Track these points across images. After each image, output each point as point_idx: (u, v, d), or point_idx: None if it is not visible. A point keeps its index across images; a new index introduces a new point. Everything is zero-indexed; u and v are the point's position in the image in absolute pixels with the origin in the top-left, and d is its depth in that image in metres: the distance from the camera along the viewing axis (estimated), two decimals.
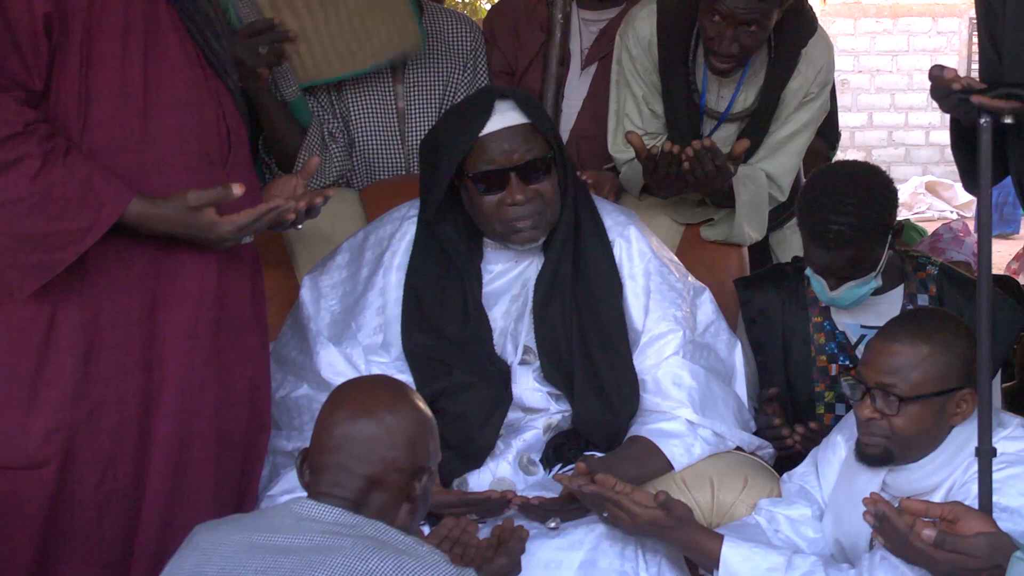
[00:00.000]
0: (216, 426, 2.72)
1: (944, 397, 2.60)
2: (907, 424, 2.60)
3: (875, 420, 2.63)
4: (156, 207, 2.55)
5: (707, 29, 3.35)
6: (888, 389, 2.61)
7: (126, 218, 2.52)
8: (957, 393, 2.60)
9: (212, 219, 2.58)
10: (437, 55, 3.78)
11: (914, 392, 2.59)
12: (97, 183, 2.49)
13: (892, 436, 2.62)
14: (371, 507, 2.20)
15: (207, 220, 2.58)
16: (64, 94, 2.53)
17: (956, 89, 2.59)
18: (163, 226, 2.57)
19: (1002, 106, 2.54)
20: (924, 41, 16.35)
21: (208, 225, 2.58)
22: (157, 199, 2.55)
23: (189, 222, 2.57)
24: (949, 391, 2.60)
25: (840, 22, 15.84)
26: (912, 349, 2.61)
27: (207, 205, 2.57)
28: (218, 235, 2.60)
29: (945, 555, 2.33)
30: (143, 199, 2.53)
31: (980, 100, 2.53)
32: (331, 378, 2.97)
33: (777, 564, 2.59)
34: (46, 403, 2.57)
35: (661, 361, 3.05)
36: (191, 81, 2.65)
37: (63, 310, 2.57)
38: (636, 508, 2.66)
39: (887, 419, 2.61)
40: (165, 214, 2.55)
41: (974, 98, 2.54)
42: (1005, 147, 2.86)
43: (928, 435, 2.62)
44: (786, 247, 3.86)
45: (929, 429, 2.62)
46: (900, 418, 2.60)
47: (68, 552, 2.62)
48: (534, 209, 2.99)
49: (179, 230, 2.58)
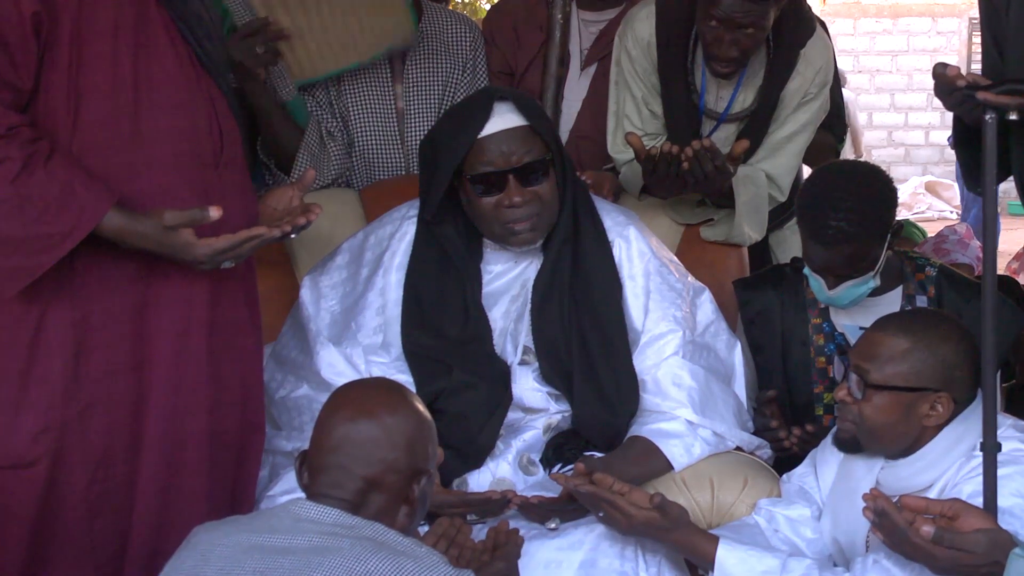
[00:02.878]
0: (209, 426, 2.71)
1: (915, 395, 2.60)
2: (872, 413, 2.62)
3: (847, 403, 2.65)
4: (135, 223, 2.52)
5: (705, 34, 3.35)
6: (861, 374, 2.63)
7: (106, 232, 2.50)
8: (931, 395, 2.60)
9: (188, 240, 2.55)
10: (437, 55, 3.78)
11: (883, 381, 2.61)
12: (78, 188, 2.47)
13: (859, 423, 2.64)
14: (370, 509, 2.20)
15: (183, 241, 2.55)
16: (54, 94, 2.51)
17: (961, 86, 2.59)
18: (141, 243, 2.54)
19: (1007, 102, 2.52)
20: (924, 41, 16.35)
21: (184, 246, 2.56)
22: (138, 214, 2.53)
23: (164, 241, 2.54)
24: (921, 390, 2.60)
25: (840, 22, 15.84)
26: (893, 340, 2.63)
27: (183, 226, 2.54)
28: (193, 257, 2.57)
29: (944, 551, 2.33)
30: (124, 214, 2.51)
31: (985, 96, 2.52)
32: (331, 378, 2.97)
33: (772, 567, 2.59)
34: (35, 403, 2.56)
35: (661, 361, 3.06)
36: (182, 81, 2.64)
37: (53, 310, 2.56)
38: (631, 509, 2.66)
39: (857, 404, 2.63)
40: (143, 231, 2.53)
41: (979, 94, 2.53)
42: (1008, 146, 2.86)
43: (894, 431, 2.62)
44: (786, 247, 3.87)
45: (895, 424, 2.62)
46: (867, 405, 2.62)
47: (59, 553, 2.61)
48: (532, 211, 2.99)
49: (156, 248, 2.56)
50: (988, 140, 2.52)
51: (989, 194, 2.54)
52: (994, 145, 2.51)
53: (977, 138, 2.60)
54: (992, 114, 2.52)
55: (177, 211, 2.54)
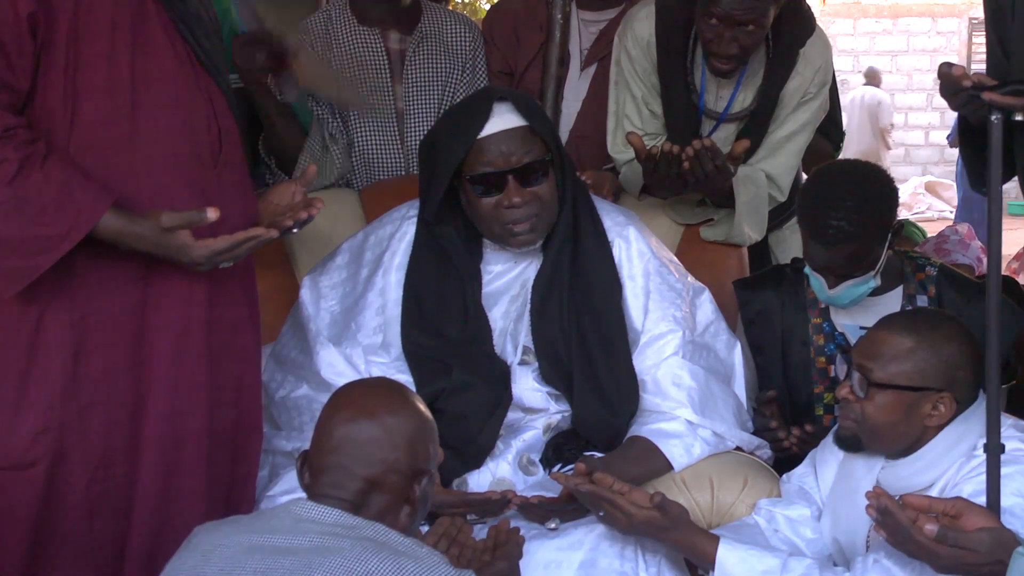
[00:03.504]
0: (208, 426, 2.71)
1: (918, 395, 2.60)
2: (874, 411, 2.62)
3: (849, 401, 2.65)
4: (133, 225, 2.52)
5: (705, 32, 3.35)
6: (864, 372, 2.63)
7: (103, 234, 2.50)
8: (934, 395, 2.60)
9: (185, 242, 2.55)
10: (436, 55, 3.78)
11: (886, 380, 2.61)
12: (75, 190, 2.47)
13: (861, 422, 2.64)
14: (371, 509, 2.20)
15: (180, 242, 2.55)
16: (51, 93, 2.51)
17: (966, 86, 2.58)
18: (139, 244, 2.54)
19: (1013, 103, 2.52)
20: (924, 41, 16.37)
21: (181, 248, 2.55)
22: (135, 216, 2.52)
23: (162, 243, 2.54)
24: (923, 389, 2.60)
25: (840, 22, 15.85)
26: (897, 339, 2.63)
27: (180, 227, 2.54)
28: (191, 258, 2.57)
29: (947, 550, 2.32)
30: (122, 215, 2.51)
31: (991, 97, 2.52)
32: (331, 378, 2.97)
33: (772, 566, 2.59)
34: (35, 403, 2.56)
35: (661, 361, 3.05)
36: (181, 80, 2.63)
37: (52, 310, 2.56)
38: (632, 508, 2.66)
39: (859, 403, 2.63)
40: (141, 232, 2.52)
41: (985, 95, 2.52)
42: (1012, 146, 2.85)
43: (896, 430, 2.63)
44: (785, 247, 3.87)
45: (897, 424, 2.62)
46: (869, 403, 2.62)
47: (59, 553, 2.61)
48: (531, 212, 2.99)
49: (154, 250, 2.55)
50: (993, 140, 2.51)
51: (994, 194, 2.53)
52: (999, 145, 2.51)
53: (981, 138, 2.60)
54: (997, 114, 2.51)
55: (174, 212, 2.54)
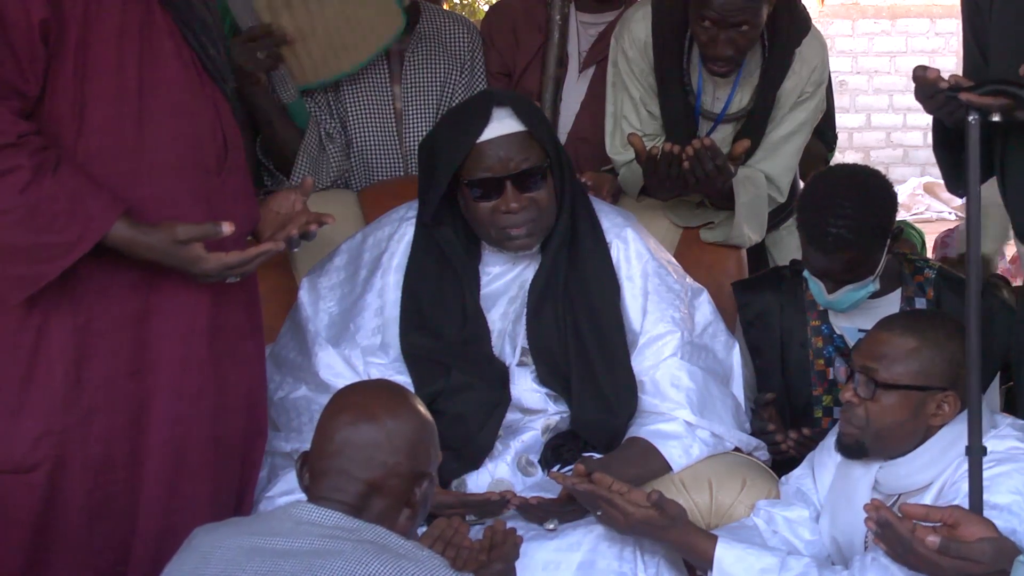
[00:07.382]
0: (213, 432, 2.71)
1: (924, 394, 2.60)
2: (881, 413, 2.62)
3: (853, 405, 2.65)
4: (143, 235, 2.52)
5: (699, 35, 3.35)
6: (869, 373, 2.63)
7: (113, 242, 2.50)
8: (939, 394, 2.61)
9: (199, 254, 2.56)
10: (435, 56, 3.78)
11: (892, 380, 2.61)
12: (87, 198, 2.47)
13: (866, 425, 2.63)
14: (371, 512, 2.20)
15: (194, 255, 2.55)
16: (59, 100, 2.51)
17: (943, 88, 2.58)
18: (149, 254, 2.54)
19: (990, 103, 2.52)
20: (922, 42, 16.34)
21: (194, 259, 2.56)
22: (146, 227, 2.53)
23: (175, 254, 2.55)
24: (929, 389, 2.60)
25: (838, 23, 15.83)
26: (901, 339, 2.63)
27: (195, 240, 2.55)
28: (202, 270, 2.58)
29: (950, 561, 2.31)
30: (132, 225, 2.51)
31: (968, 97, 2.52)
32: (330, 379, 2.97)
33: (771, 565, 2.59)
34: (36, 408, 2.56)
35: (659, 362, 3.05)
36: (187, 87, 2.64)
37: (55, 316, 2.55)
38: (630, 507, 2.66)
39: (864, 405, 2.63)
40: (151, 243, 2.53)
41: (962, 95, 2.52)
42: (991, 147, 2.85)
43: (903, 430, 2.63)
44: (782, 248, 3.87)
45: (904, 424, 2.62)
46: (875, 405, 2.62)
47: (60, 558, 2.61)
48: (529, 217, 2.99)
49: (164, 260, 2.56)
50: (972, 142, 2.51)
51: (973, 195, 2.53)
52: (978, 146, 2.51)
53: (957, 141, 2.60)
54: (975, 115, 2.51)
55: (190, 225, 2.54)
